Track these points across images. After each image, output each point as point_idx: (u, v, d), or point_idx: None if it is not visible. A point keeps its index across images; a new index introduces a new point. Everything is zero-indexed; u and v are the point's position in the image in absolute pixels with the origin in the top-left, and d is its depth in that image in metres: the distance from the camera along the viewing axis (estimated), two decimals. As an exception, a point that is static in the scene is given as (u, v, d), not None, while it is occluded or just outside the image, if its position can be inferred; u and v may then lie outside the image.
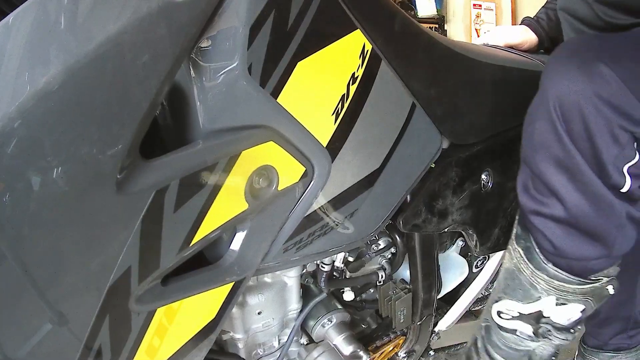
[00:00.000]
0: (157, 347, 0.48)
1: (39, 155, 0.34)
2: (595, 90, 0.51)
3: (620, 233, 0.58)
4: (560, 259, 0.62)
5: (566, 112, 0.53)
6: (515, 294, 0.66)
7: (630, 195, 0.55)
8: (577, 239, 0.59)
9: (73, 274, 0.38)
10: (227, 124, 0.44)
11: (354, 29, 0.51)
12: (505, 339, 0.70)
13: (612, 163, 0.52)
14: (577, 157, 0.53)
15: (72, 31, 0.34)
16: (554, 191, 0.57)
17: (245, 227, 0.51)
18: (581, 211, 0.56)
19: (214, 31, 0.41)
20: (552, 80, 0.54)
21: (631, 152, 0.53)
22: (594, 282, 0.62)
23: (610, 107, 0.51)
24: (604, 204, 0.55)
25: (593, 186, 0.54)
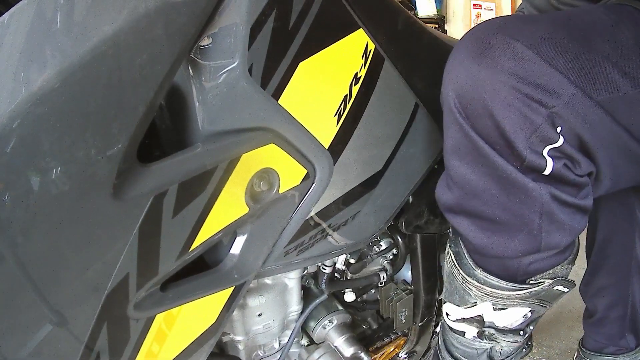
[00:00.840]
0: (157, 353, 0.47)
1: (34, 158, 0.33)
2: (496, 71, 0.45)
3: (546, 221, 0.50)
4: (486, 259, 0.56)
5: (466, 106, 0.46)
6: (453, 298, 0.62)
7: (555, 177, 0.48)
8: (493, 232, 0.52)
9: (70, 281, 0.38)
10: (227, 126, 0.43)
11: (356, 28, 0.50)
12: (457, 339, 0.67)
13: (524, 144, 0.45)
14: (481, 143, 0.47)
15: (68, 31, 0.33)
16: (457, 177, 0.51)
17: (245, 231, 0.50)
18: (489, 195, 0.49)
19: (214, 30, 0.40)
20: (449, 74, 0.48)
21: (552, 134, 0.45)
22: (533, 286, 0.55)
23: (518, 82, 0.44)
24: (517, 185, 0.47)
25: (499, 167, 0.47)
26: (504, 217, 0.50)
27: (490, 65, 0.45)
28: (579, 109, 0.46)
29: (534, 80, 0.45)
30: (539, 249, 0.52)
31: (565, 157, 0.48)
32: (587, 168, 0.50)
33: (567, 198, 0.50)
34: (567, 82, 0.45)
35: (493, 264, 0.56)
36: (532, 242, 0.52)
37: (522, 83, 0.44)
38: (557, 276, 0.57)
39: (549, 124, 0.45)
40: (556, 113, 0.45)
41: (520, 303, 0.58)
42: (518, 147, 0.46)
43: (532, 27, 0.48)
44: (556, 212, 0.50)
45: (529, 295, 0.57)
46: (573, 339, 1.30)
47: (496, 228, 0.52)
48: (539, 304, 0.59)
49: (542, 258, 0.55)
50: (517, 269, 0.56)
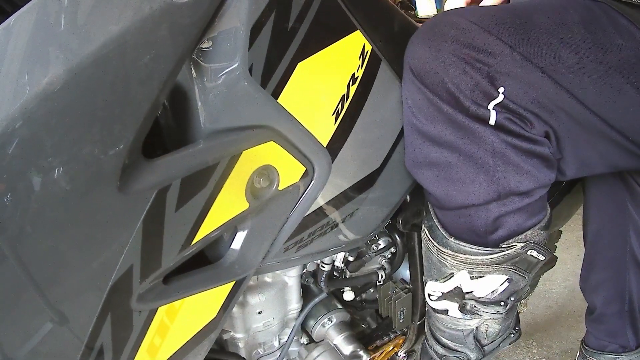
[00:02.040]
0: (159, 345, 0.48)
1: (41, 155, 0.34)
2: (442, 40, 0.52)
3: (500, 163, 0.53)
4: (454, 218, 0.58)
5: (419, 71, 0.53)
6: (431, 274, 0.64)
7: (502, 127, 0.52)
8: (453, 179, 0.55)
9: (75, 273, 0.39)
10: (228, 124, 0.44)
11: (354, 29, 0.51)
12: (442, 321, 0.68)
13: (467, 97, 0.51)
14: (433, 98, 0.53)
15: (73, 32, 0.34)
16: (419, 130, 0.56)
17: (246, 227, 0.51)
18: (445, 140, 0.54)
19: (215, 32, 0.41)
20: (408, 49, 0.55)
21: (492, 91, 0.51)
22: (504, 249, 0.57)
23: (460, 47, 0.51)
24: (467, 129, 0.52)
25: (450, 115, 0.52)
26: (461, 160, 0.54)
27: (437, 36, 0.53)
28: (517, 70, 0.51)
29: (474, 45, 0.51)
30: (498, 193, 0.55)
31: (511, 113, 0.52)
32: (540, 127, 0.53)
33: (520, 143, 0.53)
34: (505, 46, 0.51)
35: (461, 225, 0.58)
36: (490, 184, 0.54)
37: (463, 47, 0.51)
38: (528, 240, 0.58)
39: (487, 81, 0.51)
40: (495, 72, 0.51)
41: (495, 269, 0.59)
42: (462, 99, 0.51)
43: (480, 9, 0.55)
44: (509, 154, 0.53)
45: (503, 260, 0.58)
46: (573, 339, 1.30)
47: (455, 173, 0.55)
48: (515, 271, 0.60)
49: (507, 211, 0.56)
50: (484, 227, 0.57)
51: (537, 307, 1.44)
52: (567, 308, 1.43)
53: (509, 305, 0.64)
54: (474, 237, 0.58)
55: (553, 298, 1.48)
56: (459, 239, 0.59)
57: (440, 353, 0.72)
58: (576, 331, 1.31)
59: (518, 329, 0.77)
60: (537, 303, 1.45)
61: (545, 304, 1.46)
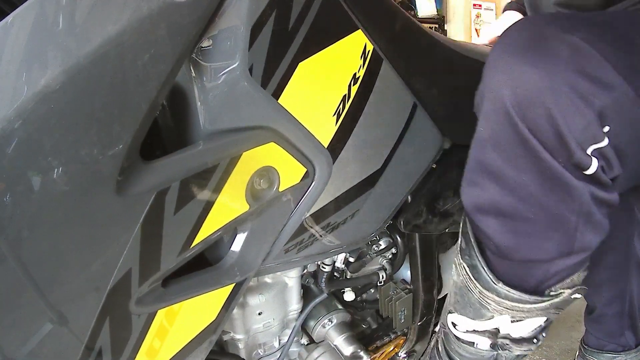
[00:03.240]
0: (158, 348, 0.48)
1: (39, 156, 0.33)
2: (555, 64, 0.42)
3: (582, 221, 0.47)
4: (508, 268, 0.52)
5: (522, 101, 0.42)
6: (466, 312, 0.58)
7: (595, 178, 0.45)
8: (525, 233, 0.48)
9: (73, 275, 0.38)
10: (228, 125, 0.44)
11: (355, 29, 0.51)
12: (465, 349, 0.64)
13: (575, 140, 0.42)
14: (529, 136, 0.43)
15: (72, 32, 0.33)
16: (492, 171, 0.47)
17: (246, 229, 0.51)
18: (527, 192, 0.45)
19: (215, 31, 0.41)
20: (501, 69, 0.44)
21: (598, 133, 0.43)
22: (554, 297, 0.53)
23: (576, 75, 0.42)
24: (559, 183, 0.44)
25: (544, 162, 0.43)
26: (540, 216, 0.47)
27: (551, 61, 0.42)
28: (628, 105, 0.44)
29: (591, 73, 0.42)
30: (571, 250, 0.49)
31: (604, 160, 0.45)
32: (617, 171, 0.47)
33: (603, 195, 0.46)
34: (620, 78, 0.43)
35: (516, 273, 0.53)
36: (566, 243, 0.48)
37: (580, 76, 0.41)
38: (575, 285, 0.55)
39: (598, 121, 0.42)
40: (607, 109, 0.42)
41: (539, 314, 0.55)
42: (569, 141, 0.42)
43: (579, 23, 0.46)
44: (593, 212, 0.46)
45: (550, 307, 0.54)
46: (573, 339, 1.30)
47: (530, 229, 0.48)
48: (554, 312, 0.57)
49: (570, 265, 0.51)
50: (542, 278, 0.52)
51: (537, 306, 1.44)
52: (567, 308, 1.43)
53: (540, 341, 0.61)
54: (523, 285, 0.53)
55: (553, 298, 1.48)
56: (508, 285, 0.53)
57: None
58: (576, 331, 1.31)
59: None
60: (537, 303, 1.45)
61: (546, 304, 1.45)
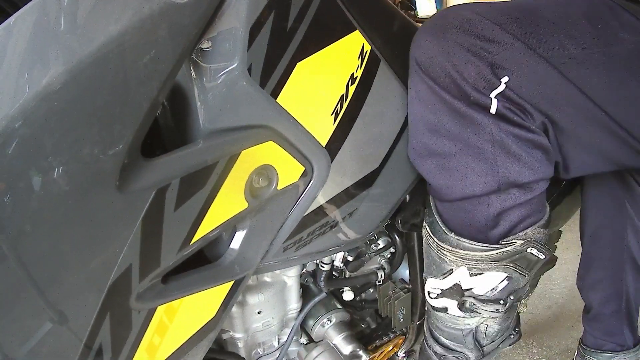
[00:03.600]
0: (158, 345, 0.48)
1: (40, 155, 0.34)
2: (447, 31, 0.52)
3: (499, 151, 0.53)
4: (452, 210, 0.59)
5: (424, 62, 0.54)
6: (431, 270, 0.64)
7: (502, 116, 0.52)
8: (453, 167, 0.55)
9: (74, 273, 0.39)
10: (227, 124, 0.45)
11: (353, 29, 0.52)
12: (442, 320, 0.68)
13: (468, 84, 0.51)
14: (435, 87, 0.53)
15: (73, 32, 0.34)
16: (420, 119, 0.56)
17: (245, 226, 0.51)
18: (446, 130, 0.54)
19: (214, 32, 0.42)
20: (414, 42, 0.56)
21: (494, 80, 0.51)
22: (504, 246, 0.57)
23: (464, 36, 0.52)
24: (467, 118, 0.52)
25: (450, 104, 0.53)
26: (460, 148, 0.54)
27: (442, 27, 0.53)
28: (521, 59, 0.51)
29: (478, 34, 0.52)
30: (498, 182, 0.54)
31: (511, 103, 0.52)
32: (539, 119, 0.53)
33: (519, 132, 0.53)
34: (509, 36, 0.52)
35: (462, 221, 0.58)
36: (490, 173, 0.54)
37: (467, 36, 0.52)
38: (528, 237, 0.58)
39: (490, 70, 0.51)
40: (499, 60, 0.51)
41: (495, 267, 0.59)
42: (464, 87, 0.51)
43: (486, 3, 0.56)
44: (509, 143, 0.53)
45: (502, 257, 0.58)
46: (573, 339, 1.30)
47: (455, 163, 0.55)
48: (515, 269, 0.60)
49: (507, 206, 0.56)
50: (485, 222, 0.57)
51: (537, 307, 1.44)
52: (567, 308, 1.43)
53: (508, 303, 0.64)
54: (474, 233, 0.58)
55: (553, 298, 1.48)
56: (458, 235, 0.59)
57: (439, 353, 0.72)
58: (576, 331, 1.31)
59: (518, 330, 0.77)
60: (537, 303, 1.45)
61: (545, 304, 1.46)
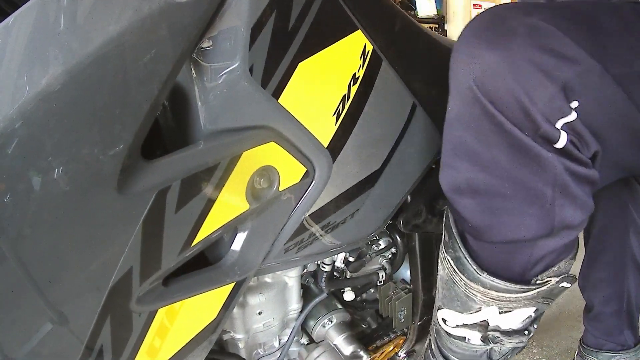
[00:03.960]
0: (159, 347, 0.48)
1: (40, 156, 0.34)
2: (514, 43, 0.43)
3: (559, 194, 0.46)
4: (491, 252, 0.52)
5: (484, 80, 0.44)
6: (453, 305, 0.58)
7: (566, 152, 0.45)
8: (501, 209, 0.48)
9: (74, 275, 0.38)
10: (229, 125, 0.44)
11: (355, 29, 0.51)
12: (457, 344, 0.64)
13: (539, 112, 0.43)
14: (494, 111, 0.44)
15: (73, 32, 0.34)
16: (463, 150, 0.47)
17: (246, 228, 0.51)
18: (499, 167, 0.45)
19: (215, 32, 0.41)
20: (460, 50, 0.46)
21: (564, 107, 0.43)
22: (540, 286, 0.53)
23: (535, 51, 0.43)
24: (529, 155, 0.44)
25: (512, 136, 0.44)
26: (515, 190, 0.47)
27: (505, 37, 0.44)
28: (595, 81, 0.44)
29: (551, 48, 0.43)
30: (552, 227, 0.48)
31: (577, 134, 0.45)
32: (594, 147, 0.47)
33: (580, 170, 0.46)
34: (584, 52, 0.43)
35: (499, 261, 0.53)
36: (545, 217, 0.47)
37: (538, 51, 0.43)
38: (562, 273, 0.54)
39: (563, 94, 0.43)
40: (572, 83, 0.43)
41: (526, 304, 0.55)
42: (534, 116, 0.43)
43: (540, 7, 0.48)
44: (569, 185, 0.46)
45: (537, 296, 0.55)
46: (573, 339, 1.30)
47: (506, 205, 0.48)
48: (543, 302, 0.57)
49: (555, 248, 0.51)
50: (526, 265, 0.52)
51: (537, 307, 1.44)
52: (567, 308, 1.43)
53: (532, 333, 0.61)
54: (508, 274, 0.53)
55: (553, 298, 1.48)
56: (492, 275, 0.53)
57: None
58: (576, 331, 1.31)
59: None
60: (537, 303, 1.45)
61: (545, 304, 1.46)
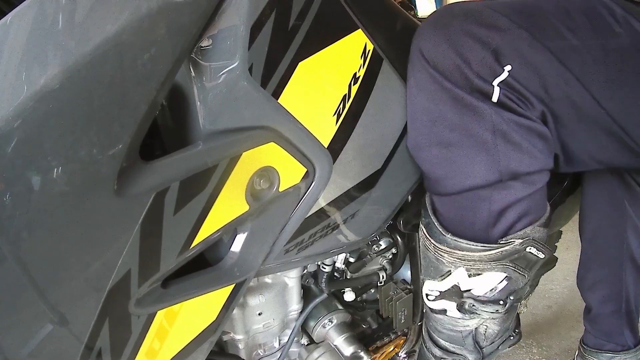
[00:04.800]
0: (158, 349, 0.48)
1: (38, 156, 0.33)
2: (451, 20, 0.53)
3: (500, 140, 0.52)
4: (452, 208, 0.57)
5: (428, 51, 0.53)
6: (429, 272, 0.63)
7: (504, 105, 0.52)
8: (454, 157, 0.54)
9: (72, 276, 0.38)
10: (228, 125, 0.44)
11: (355, 28, 0.51)
12: (441, 322, 0.67)
13: (471, 71, 0.51)
14: (436, 75, 0.53)
15: (71, 31, 0.33)
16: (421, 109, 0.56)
17: (246, 229, 0.50)
18: (446, 119, 0.53)
19: (214, 31, 0.41)
20: (417, 33, 0.56)
21: (497, 67, 0.51)
22: (503, 245, 0.56)
23: (469, 24, 0.52)
24: (467, 106, 0.52)
25: (452, 92, 0.52)
26: (460, 137, 0.53)
27: (447, 17, 0.54)
28: (524, 47, 0.52)
29: (482, 22, 0.52)
30: (499, 172, 0.53)
31: (513, 92, 0.52)
32: (539, 108, 0.53)
33: (519, 120, 0.52)
34: (512, 24, 0.52)
35: (462, 220, 0.57)
36: (491, 163, 0.53)
37: (472, 24, 0.52)
38: (527, 236, 0.56)
39: (494, 57, 0.51)
40: (502, 48, 0.51)
41: (494, 267, 0.57)
42: (467, 74, 0.51)
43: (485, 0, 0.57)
44: (509, 131, 0.52)
45: (501, 256, 0.56)
46: (573, 339, 1.30)
47: (455, 153, 0.54)
48: (514, 269, 0.59)
49: (508, 202, 0.55)
50: (485, 220, 0.56)
51: (537, 307, 1.44)
52: (567, 308, 1.43)
53: (508, 304, 0.63)
54: (473, 233, 0.57)
55: (553, 298, 1.48)
56: (456, 235, 0.57)
57: (438, 356, 0.71)
58: (576, 331, 1.31)
59: (518, 331, 0.76)
60: (537, 303, 1.45)
61: (545, 304, 1.46)
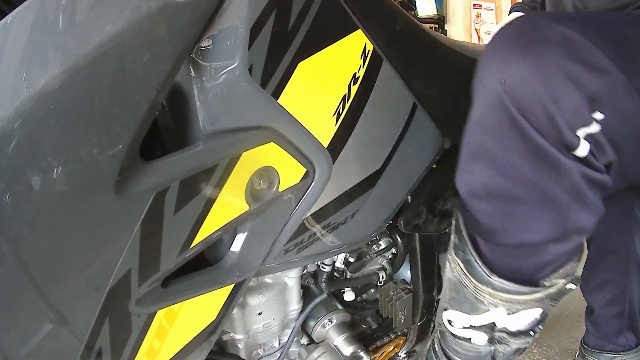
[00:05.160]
0: (158, 349, 0.48)
1: (38, 156, 0.33)
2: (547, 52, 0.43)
3: (574, 200, 0.47)
4: (502, 255, 0.53)
5: (513, 86, 0.43)
6: (461, 307, 0.59)
7: (586, 160, 0.45)
8: (516, 213, 0.48)
9: (73, 276, 0.38)
10: (228, 125, 0.44)
11: (355, 29, 0.51)
12: (462, 345, 0.64)
13: (564, 121, 0.43)
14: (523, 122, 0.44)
15: (71, 31, 0.33)
16: (482, 153, 0.47)
17: (246, 229, 0.50)
18: (517, 172, 0.46)
19: (214, 31, 0.41)
20: (491, 57, 0.46)
21: (588, 117, 0.44)
22: (548, 288, 0.53)
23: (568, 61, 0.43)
24: (548, 161, 0.44)
25: (533, 141, 0.44)
26: (530, 195, 0.47)
27: (539, 46, 0.43)
28: (621, 94, 0.45)
29: (582, 59, 0.43)
30: (565, 231, 0.48)
31: (599, 145, 0.46)
32: (611, 157, 0.47)
33: (596, 176, 0.46)
34: (613, 65, 0.44)
35: (510, 264, 0.53)
36: (558, 222, 0.48)
37: (571, 61, 0.43)
38: (568, 274, 0.54)
39: (588, 105, 0.43)
40: (599, 94, 0.43)
41: (534, 305, 0.56)
42: (559, 124, 0.43)
43: (571, 18, 0.48)
44: (585, 191, 0.46)
45: (546, 297, 0.55)
46: (573, 339, 1.30)
47: (521, 209, 0.48)
48: (550, 303, 0.57)
49: (564, 251, 0.51)
50: (536, 267, 0.53)
51: (537, 306, 1.44)
52: (567, 308, 1.43)
53: (537, 334, 0.61)
54: (518, 276, 0.53)
55: (553, 298, 1.48)
56: (502, 277, 0.53)
57: None
58: (576, 331, 1.31)
59: None
60: (537, 303, 1.45)
61: (546, 304, 1.45)
